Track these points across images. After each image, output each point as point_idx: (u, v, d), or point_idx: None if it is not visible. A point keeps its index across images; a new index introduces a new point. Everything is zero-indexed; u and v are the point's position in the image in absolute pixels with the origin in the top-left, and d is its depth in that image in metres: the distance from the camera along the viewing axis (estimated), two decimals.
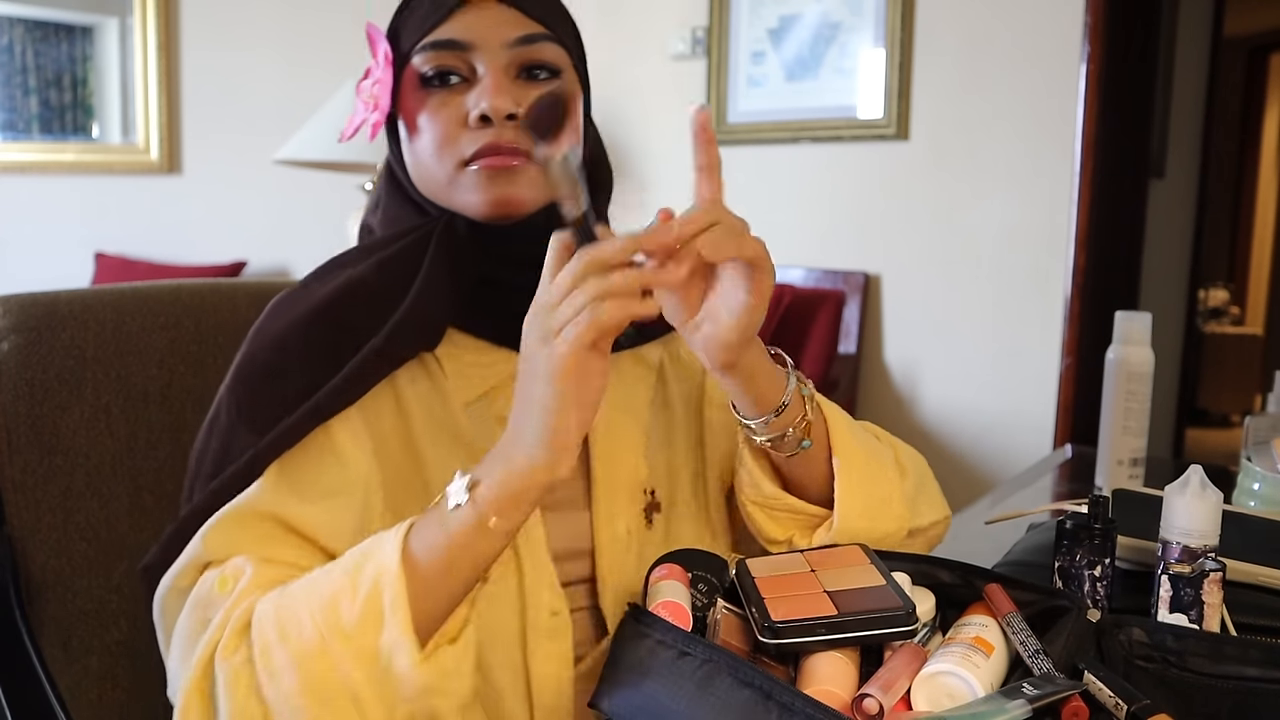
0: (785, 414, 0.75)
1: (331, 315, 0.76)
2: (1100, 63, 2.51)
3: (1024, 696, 0.57)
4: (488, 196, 0.76)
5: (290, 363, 0.74)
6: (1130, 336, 1.21)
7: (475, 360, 0.80)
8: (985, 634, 0.65)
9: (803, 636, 0.63)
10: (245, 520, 0.71)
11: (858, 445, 0.80)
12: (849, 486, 0.79)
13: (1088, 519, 0.80)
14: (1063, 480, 1.41)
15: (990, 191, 2.67)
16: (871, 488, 0.80)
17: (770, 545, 0.82)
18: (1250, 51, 5.62)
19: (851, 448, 0.80)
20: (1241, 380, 5.33)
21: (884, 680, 0.60)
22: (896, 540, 0.82)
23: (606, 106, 3.39)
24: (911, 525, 0.83)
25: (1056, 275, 2.58)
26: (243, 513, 0.71)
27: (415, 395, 0.78)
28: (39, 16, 3.31)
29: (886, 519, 0.81)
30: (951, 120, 2.71)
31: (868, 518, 0.79)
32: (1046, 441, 2.59)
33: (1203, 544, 0.77)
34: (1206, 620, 0.75)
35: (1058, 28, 2.55)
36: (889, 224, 2.80)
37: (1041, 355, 2.60)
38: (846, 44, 2.88)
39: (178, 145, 3.42)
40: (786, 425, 0.76)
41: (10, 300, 0.89)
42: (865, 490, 0.80)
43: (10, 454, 0.87)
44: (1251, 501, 1.06)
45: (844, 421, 0.81)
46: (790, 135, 2.97)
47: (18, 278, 3.14)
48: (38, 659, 0.86)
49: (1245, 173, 5.85)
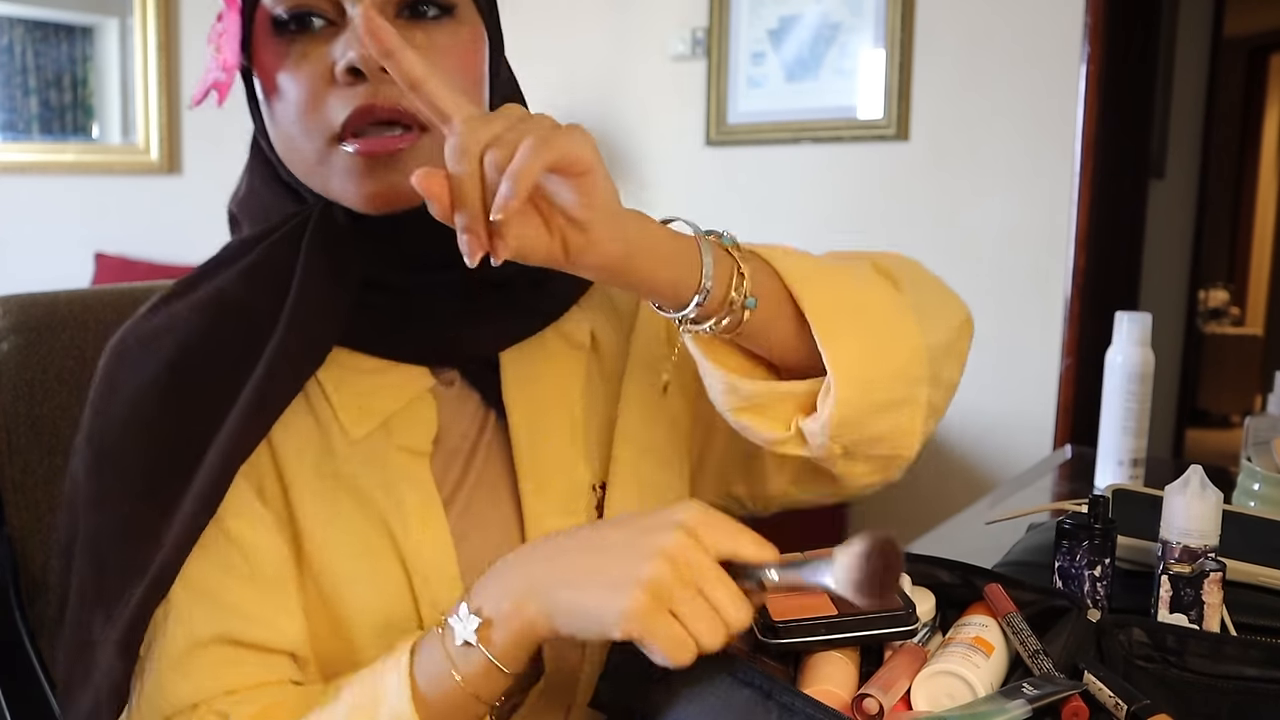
0: (715, 285, 0.61)
1: (188, 372, 0.64)
2: (1100, 63, 2.50)
3: (1024, 696, 0.56)
4: (367, 189, 0.62)
5: (152, 450, 0.63)
6: (1130, 337, 1.21)
7: (371, 385, 0.68)
8: (985, 634, 0.65)
9: (803, 636, 0.63)
10: (189, 659, 0.62)
11: (821, 277, 0.65)
12: (831, 330, 0.63)
13: (1088, 519, 0.80)
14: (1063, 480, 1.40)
15: (990, 192, 2.67)
16: (860, 317, 0.65)
17: (775, 446, 0.68)
18: (1250, 52, 5.62)
19: (814, 282, 0.64)
20: (1241, 381, 5.32)
21: (884, 680, 0.60)
22: (921, 369, 0.66)
23: (606, 107, 3.40)
24: (929, 341, 0.67)
25: (1056, 275, 2.58)
26: (182, 654, 0.62)
27: (290, 439, 0.67)
28: (39, 16, 3.31)
29: (896, 349, 0.65)
30: (951, 120, 2.71)
31: (872, 358, 0.64)
32: (1046, 442, 2.58)
33: (1203, 544, 0.77)
34: (1206, 620, 0.75)
35: (1058, 28, 2.55)
36: (889, 224, 2.80)
37: (1041, 355, 2.60)
38: (846, 44, 2.87)
39: (178, 145, 3.42)
40: (724, 296, 0.61)
41: (10, 300, 0.89)
42: (854, 325, 0.64)
43: (10, 454, 0.86)
44: (1251, 502, 1.06)
45: (794, 259, 0.66)
46: (790, 136, 2.97)
47: (18, 278, 3.14)
48: (37, 659, 0.85)
49: (1245, 173, 5.85)
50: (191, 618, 0.62)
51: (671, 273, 0.60)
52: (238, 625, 0.63)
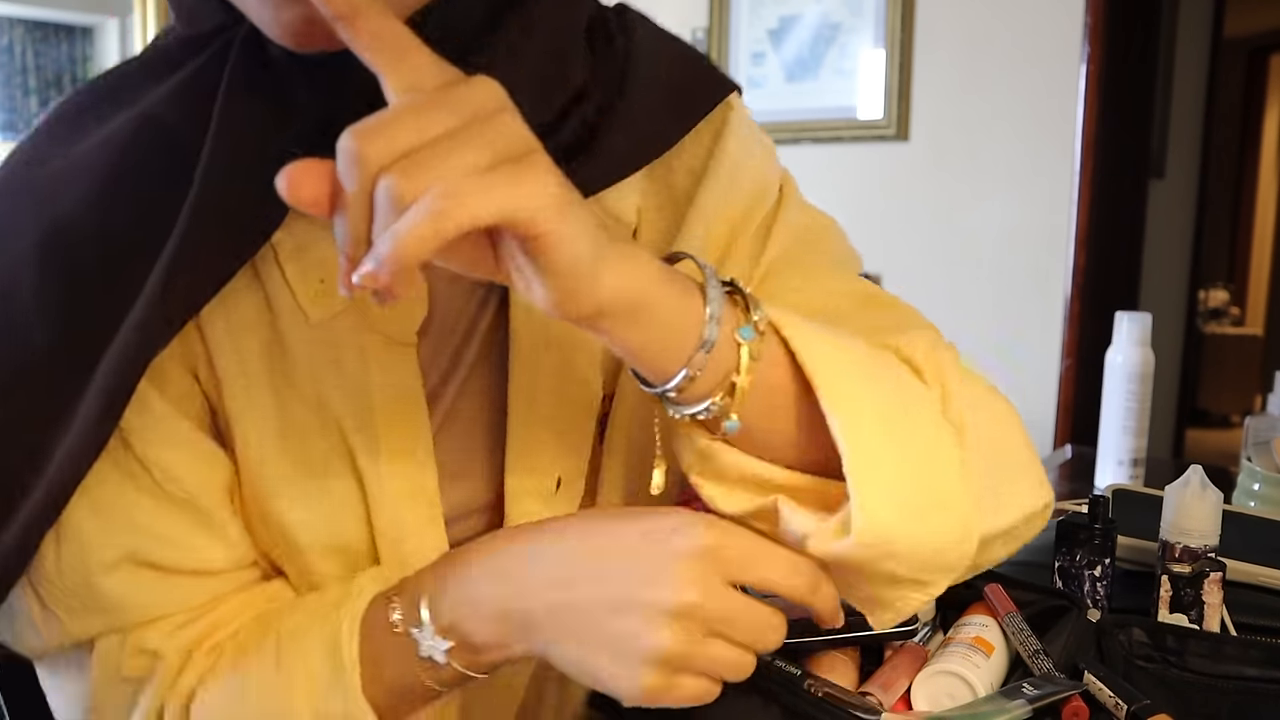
0: (709, 366, 0.45)
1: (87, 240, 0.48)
2: (1100, 63, 2.51)
3: (1024, 696, 0.56)
4: (284, 17, 0.45)
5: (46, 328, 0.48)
6: (1130, 337, 1.21)
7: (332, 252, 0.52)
8: (985, 634, 0.65)
9: (803, 636, 0.63)
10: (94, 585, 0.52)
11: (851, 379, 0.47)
12: (862, 453, 0.45)
13: (1088, 519, 0.80)
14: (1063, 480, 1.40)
15: (990, 192, 2.67)
16: (899, 448, 0.47)
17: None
18: (1250, 52, 5.62)
19: (840, 385, 0.47)
20: (1241, 381, 5.32)
21: (884, 680, 0.60)
22: (959, 556, 0.49)
23: None
24: (985, 530, 0.50)
25: (1056, 275, 2.58)
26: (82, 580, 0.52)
27: (226, 320, 0.53)
28: (39, 16, 3.31)
29: (939, 523, 0.47)
30: (951, 120, 2.71)
31: (908, 520, 0.46)
32: (1047, 442, 2.59)
33: (1203, 544, 0.77)
34: (1207, 620, 0.75)
35: (1058, 28, 2.55)
36: (889, 224, 2.80)
37: (1042, 355, 2.60)
38: (846, 44, 2.88)
39: None
40: (711, 387, 0.46)
41: None
42: (888, 456, 0.46)
43: None
44: (1251, 502, 1.06)
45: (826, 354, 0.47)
46: (790, 136, 2.97)
47: None
48: None
49: (1245, 173, 5.85)
50: (96, 532, 0.52)
51: (658, 331, 0.44)
52: (152, 547, 0.53)
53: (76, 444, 0.48)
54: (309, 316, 0.53)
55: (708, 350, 0.44)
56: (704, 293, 0.45)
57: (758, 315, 0.46)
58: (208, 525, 0.54)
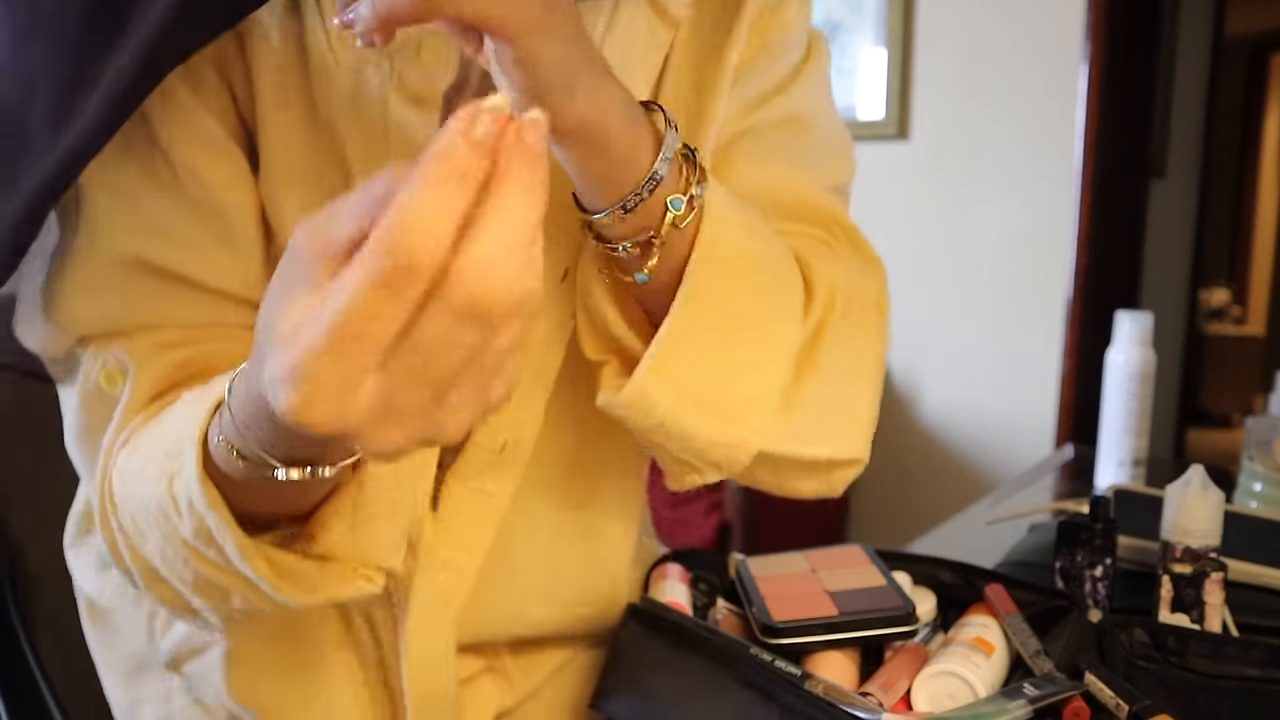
0: (636, 212, 0.48)
1: None
2: (1100, 63, 2.50)
3: (1025, 697, 0.56)
4: None
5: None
6: (1131, 337, 1.21)
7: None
8: (986, 634, 0.65)
9: (803, 636, 0.63)
10: (96, 279, 0.50)
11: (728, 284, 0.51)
12: (676, 342, 0.50)
13: (1089, 519, 0.80)
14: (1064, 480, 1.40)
15: (991, 192, 2.67)
16: (721, 355, 0.51)
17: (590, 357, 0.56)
18: (1251, 52, 5.62)
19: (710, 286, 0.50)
20: (1243, 380, 5.32)
21: (884, 680, 0.60)
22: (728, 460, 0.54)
23: None
24: (776, 449, 0.54)
25: (1057, 275, 2.58)
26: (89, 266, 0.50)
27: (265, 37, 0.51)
28: None
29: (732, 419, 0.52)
30: (952, 121, 2.71)
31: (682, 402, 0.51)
32: (1047, 442, 2.58)
33: (1204, 544, 0.77)
34: (1208, 620, 0.75)
35: (1058, 28, 2.55)
36: (889, 224, 2.80)
37: (1042, 355, 2.60)
38: (846, 44, 2.87)
39: None
40: (633, 232, 0.49)
41: (4, 296, 0.89)
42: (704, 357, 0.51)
43: (9, 454, 0.86)
44: (1253, 502, 1.06)
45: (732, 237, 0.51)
46: None
47: None
48: (35, 659, 0.85)
49: (1246, 173, 5.85)
50: (111, 227, 0.50)
51: (609, 162, 0.46)
52: (166, 250, 0.51)
53: (98, 115, 0.45)
54: (337, 58, 0.52)
55: (644, 195, 0.47)
56: (659, 143, 0.48)
57: (697, 191, 0.49)
58: (228, 239, 0.53)
